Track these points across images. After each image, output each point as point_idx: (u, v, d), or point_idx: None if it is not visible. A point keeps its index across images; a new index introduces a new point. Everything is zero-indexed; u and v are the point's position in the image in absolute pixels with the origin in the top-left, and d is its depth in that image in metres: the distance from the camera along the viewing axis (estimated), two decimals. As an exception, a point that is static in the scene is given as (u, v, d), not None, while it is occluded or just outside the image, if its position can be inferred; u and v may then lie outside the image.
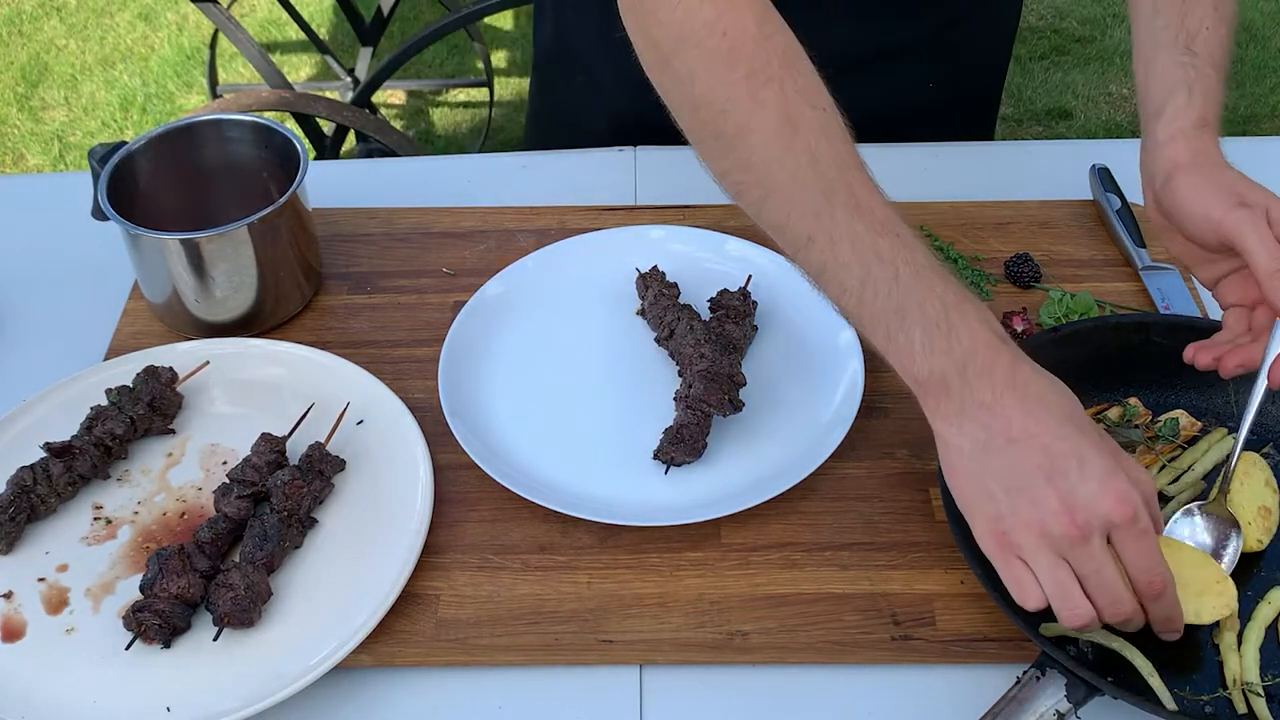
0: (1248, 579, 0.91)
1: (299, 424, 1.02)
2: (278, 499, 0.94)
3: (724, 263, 1.19)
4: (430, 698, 0.88)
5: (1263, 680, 0.85)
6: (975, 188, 1.30)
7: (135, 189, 1.14)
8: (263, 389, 1.08)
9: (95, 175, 1.12)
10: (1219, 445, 0.99)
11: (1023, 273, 1.17)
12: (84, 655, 0.89)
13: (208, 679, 0.87)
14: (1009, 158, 1.39)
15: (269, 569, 0.92)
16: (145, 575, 0.90)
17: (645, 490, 0.99)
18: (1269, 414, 1.01)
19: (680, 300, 1.13)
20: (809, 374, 1.08)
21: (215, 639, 0.88)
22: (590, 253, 1.20)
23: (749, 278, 1.14)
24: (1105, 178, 1.26)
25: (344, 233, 1.26)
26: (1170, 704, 0.81)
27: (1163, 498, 0.97)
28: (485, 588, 0.93)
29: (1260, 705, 0.83)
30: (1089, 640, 0.85)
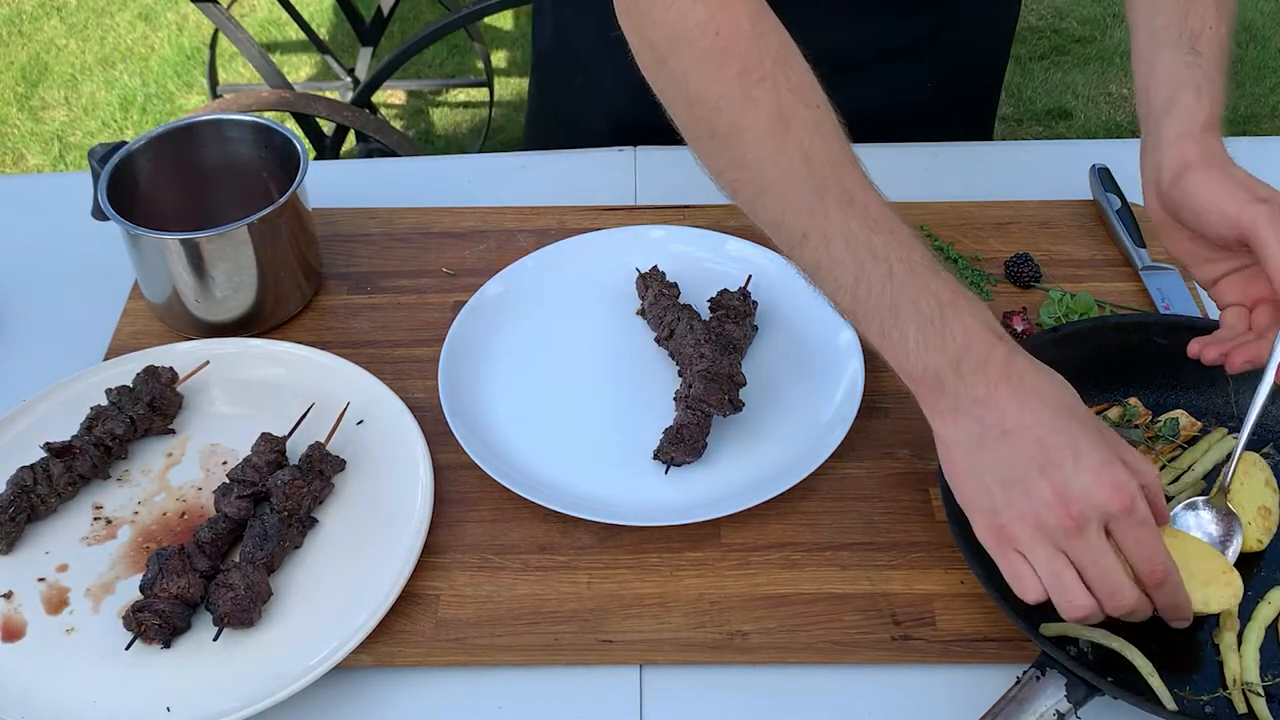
0: (1248, 579, 0.91)
1: (299, 424, 1.02)
2: (278, 499, 0.94)
3: (724, 263, 1.19)
4: (430, 698, 0.88)
5: (1263, 680, 0.85)
6: (975, 188, 1.30)
7: (135, 189, 1.14)
8: (263, 389, 1.08)
9: (95, 175, 1.12)
10: (1219, 445, 0.99)
11: (1023, 273, 1.17)
12: (84, 655, 0.89)
13: (208, 679, 0.87)
14: (1009, 158, 1.39)
15: (269, 569, 0.92)
16: (145, 575, 0.90)
17: (645, 490, 0.99)
18: (1269, 414, 1.01)
19: (680, 300, 1.13)
20: (809, 374, 1.08)
21: (215, 639, 0.88)
22: (590, 253, 1.20)
23: (749, 278, 1.14)
24: (1105, 178, 1.26)
25: (344, 233, 1.26)
26: (1170, 704, 0.81)
27: (1162, 497, 0.97)
28: (485, 588, 0.93)
29: (1260, 705, 0.83)
30: (1089, 640, 0.85)
